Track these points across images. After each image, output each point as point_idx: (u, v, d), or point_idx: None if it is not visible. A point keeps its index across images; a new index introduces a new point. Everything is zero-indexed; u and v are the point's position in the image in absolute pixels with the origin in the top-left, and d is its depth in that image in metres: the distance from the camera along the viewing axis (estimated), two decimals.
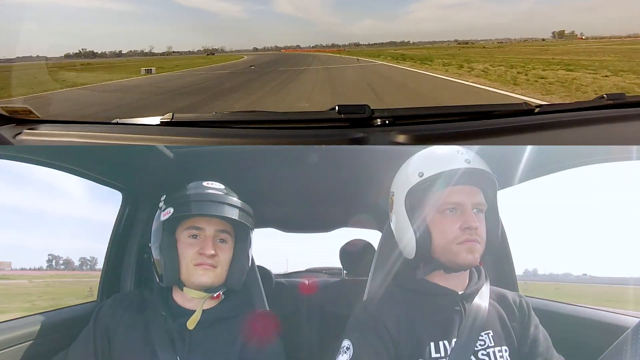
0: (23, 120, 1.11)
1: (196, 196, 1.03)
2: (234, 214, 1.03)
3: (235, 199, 1.05)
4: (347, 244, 2.18)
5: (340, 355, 0.90)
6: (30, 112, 1.13)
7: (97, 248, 1.48)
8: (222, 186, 1.08)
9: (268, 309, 1.25)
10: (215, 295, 1.04)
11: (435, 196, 0.93)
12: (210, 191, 1.04)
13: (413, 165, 0.97)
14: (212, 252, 1.00)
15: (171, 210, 1.02)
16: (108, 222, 1.47)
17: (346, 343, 0.91)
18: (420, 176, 0.93)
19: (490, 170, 0.95)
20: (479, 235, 0.92)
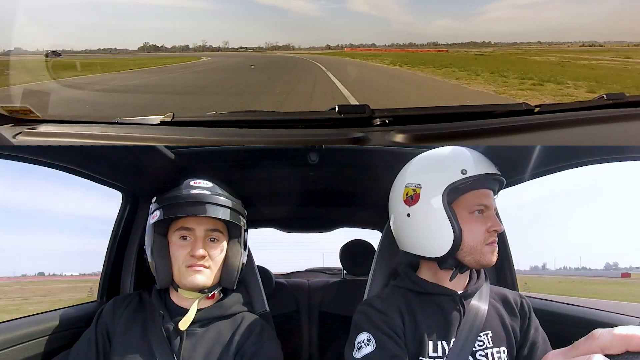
0: (23, 120, 1.11)
1: (182, 197, 1.02)
2: (221, 213, 1.02)
3: (223, 198, 1.04)
4: (347, 244, 2.18)
5: (363, 348, 0.88)
6: (30, 111, 1.12)
7: (97, 248, 1.48)
8: (209, 184, 1.07)
9: (268, 309, 1.25)
10: (210, 295, 1.04)
11: (469, 196, 0.94)
12: (196, 191, 1.03)
13: (449, 161, 0.95)
14: (202, 253, 0.99)
15: (158, 213, 1.03)
16: (108, 222, 1.47)
17: (365, 336, 0.89)
18: (464, 173, 0.91)
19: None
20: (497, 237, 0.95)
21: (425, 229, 0.94)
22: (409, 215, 0.96)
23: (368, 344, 0.88)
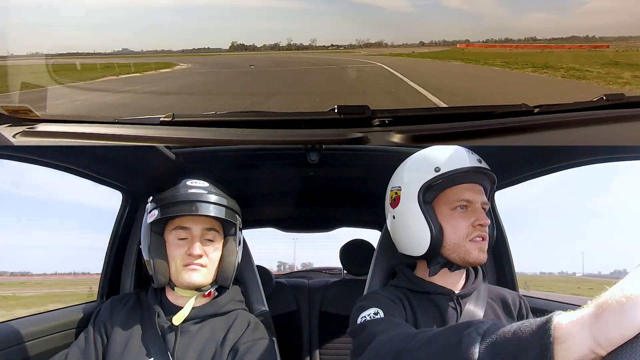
0: (23, 119, 1.11)
1: (179, 196, 1.03)
2: (217, 212, 1.03)
3: (218, 197, 1.05)
4: (347, 243, 2.17)
5: (369, 318, 0.84)
6: (30, 111, 1.12)
7: (97, 248, 1.48)
8: (205, 184, 1.09)
9: (267, 309, 1.25)
10: (206, 293, 1.05)
11: (449, 192, 0.94)
12: (193, 190, 1.05)
13: (424, 160, 0.97)
14: (200, 252, 1.01)
15: (156, 212, 1.03)
16: (108, 222, 1.47)
17: (372, 310, 0.86)
18: (437, 171, 0.92)
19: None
20: (487, 232, 0.93)
21: (407, 228, 0.97)
22: (394, 217, 1.00)
23: (375, 316, 0.84)
